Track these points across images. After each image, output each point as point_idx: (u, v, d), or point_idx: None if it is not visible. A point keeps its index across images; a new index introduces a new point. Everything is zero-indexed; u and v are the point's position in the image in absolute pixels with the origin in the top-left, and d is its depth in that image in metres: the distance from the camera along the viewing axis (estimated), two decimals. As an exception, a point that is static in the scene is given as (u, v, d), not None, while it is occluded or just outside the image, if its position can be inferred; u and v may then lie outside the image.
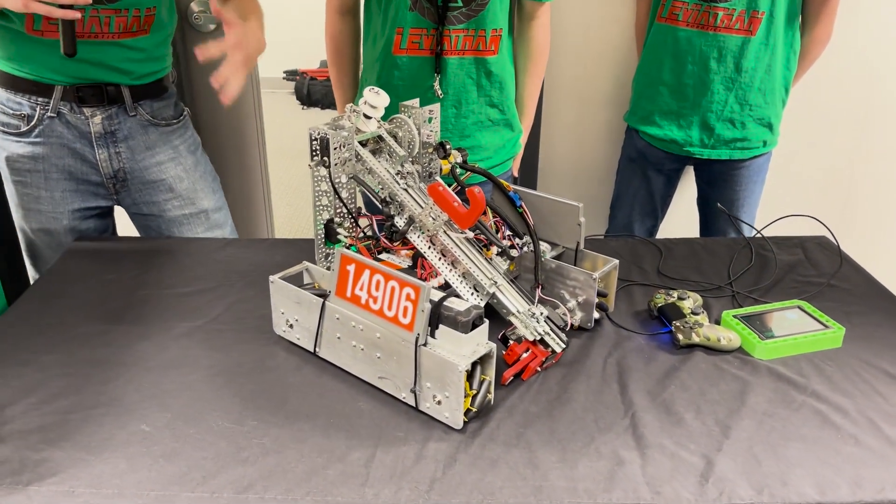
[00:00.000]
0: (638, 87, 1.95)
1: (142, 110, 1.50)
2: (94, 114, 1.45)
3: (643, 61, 1.91)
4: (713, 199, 1.93)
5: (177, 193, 1.57)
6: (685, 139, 1.85)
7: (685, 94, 1.82)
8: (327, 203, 1.15)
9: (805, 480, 0.88)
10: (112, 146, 1.49)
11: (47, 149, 1.46)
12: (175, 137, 1.57)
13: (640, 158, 1.97)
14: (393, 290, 0.96)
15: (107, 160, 1.49)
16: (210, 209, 1.61)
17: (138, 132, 1.51)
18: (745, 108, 1.80)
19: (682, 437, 0.95)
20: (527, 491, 0.86)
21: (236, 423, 0.96)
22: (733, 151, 1.85)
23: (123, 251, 1.44)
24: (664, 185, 2.00)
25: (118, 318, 1.20)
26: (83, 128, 1.46)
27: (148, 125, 1.52)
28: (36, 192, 1.48)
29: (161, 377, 1.05)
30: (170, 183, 1.56)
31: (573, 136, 2.32)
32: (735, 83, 1.77)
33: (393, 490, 0.85)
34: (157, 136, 1.54)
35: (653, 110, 1.89)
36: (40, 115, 1.43)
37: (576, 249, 1.20)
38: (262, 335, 1.16)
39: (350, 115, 1.15)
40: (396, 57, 1.53)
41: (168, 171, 1.55)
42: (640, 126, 1.93)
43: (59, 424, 0.95)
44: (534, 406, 1.00)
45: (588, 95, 2.27)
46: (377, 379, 1.02)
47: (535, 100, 1.75)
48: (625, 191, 2.04)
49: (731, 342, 1.12)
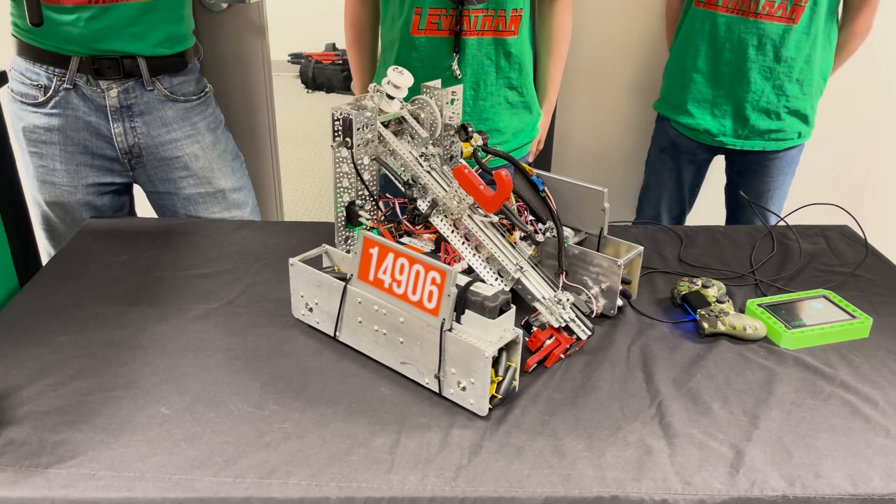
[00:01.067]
0: (671, 75, 1.90)
1: (160, 85, 1.48)
2: (109, 87, 1.43)
3: (676, 48, 1.87)
4: (743, 189, 1.90)
5: (192, 172, 1.54)
6: (719, 129, 1.82)
7: (721, 83, 1.78)
8: (348, 185, 1.13)
9: (837, 472, 0.86)
10: (128, 120, 1.47)
11: (63, 121, 1.44)
12: (195, 114, 1.54)
13: (671, 148, 1.93)
14: (418, 274, 0.94)
15: (122, 134, 1.47)
16: (228, 189, 1.58)
17: (155, 107, 1.49)
18: (782, 99, 1.76)
19: (710, 427, 0.93)
20: (554, 479, 0.84)
21: (256, 406, 0.95)
22: (767, 143, 1.81)
23: (137, 231, 1.42)
24: (694, 176, 1.96)
25: (133, 299, 1.18)
26: (99, 101, 1.44)
27: (166, 100, 1.49)
28: (51, 164, 1.47)
29: (178, 360, 1.04)
30: (185, 161, 1.53)
31: (590, 122, 2.30)
32: (773, 73, 1.73)
33: (419, 477, 0.84)
34: (174, 113, 1.51)
35: (686, 99, 1.84)
36: (56, 87, 1.42)
37: (599, 235, 1.18)
38: (279, 318, 1.14)
39: (373, 95, 1.12)
40: (415, 38, 1.50)
41: (184, 148, 1.53)
42: (672, 115, 1.89)
43: (77, 406, 0.93)
44: (558, 393, 0.99)
45: (607, 81, 2.24)
46: (399, 364, 1.00)
47: (557, 84, 1.72)
48: (654, 181, 2.00)
49: (757, 331, 1.11)
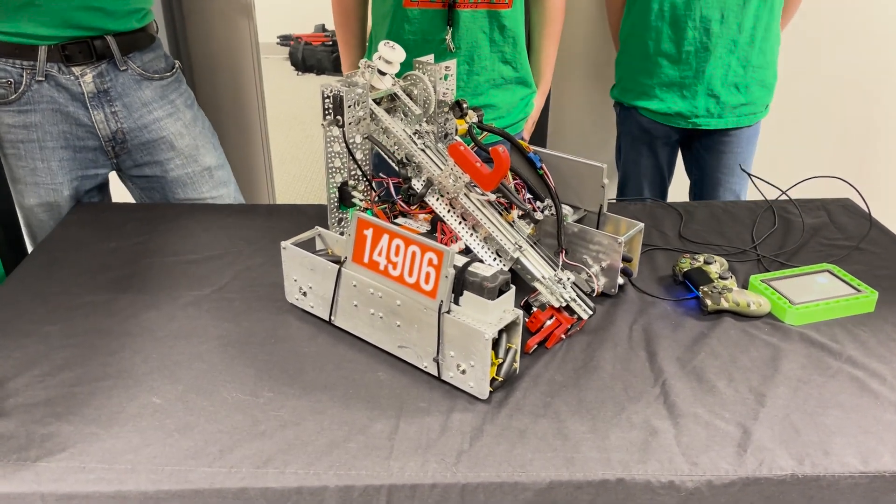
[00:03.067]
0: (629, 62, 1.85)
1: (132, 63, 1.43)
2: (84, 72, 1.38)
3: (631, 34, 1.82)
4: (710, 165, 1.87)
5: (178, 151, 1.50)
6: (691, 111, 1.78)
7: (688, 63, 1.74)
8: (340, 165, 1.10)
9: (847, 449, 0.84)
10: (107, 105, 1.42)
11: (39, 116, 1.38)
12: (170, 91, 1.50)
13: (644, 135, 1.89)
14: (414, 256, 0.91)
15: (103, 121, 1.43)
16: (213, 166, 1.55)
17: (132, 88, 1.44)
18: (749, 70, 1.73)
19: (715, 406, 0.91)
20: (558, 463, 0.82)
21: (251, 394, 0.92)
22: (739, 118, 1.79)
23: (126, 217, 1.38)
24: (669, 155, 1.93)
25: (122, 286, 1.15)
26: (75, 89, 1.39)
27: (141, 80, 1.45)
28: (31, 163, 1.41)
29: (170, 348, 1.01)
30: (170, 140, 1.49)
31: (584, 99, 2.27)
32: (737, 45, 1.70)
33: (419, 463, 0.82)
34: (151, 92, 1.47)
35: (652, 84, 1.80)
36: (28, 81, 1.36)
37: (598, 213, 1.15)
38: (272, 303, 1.11)
39: (364, 71, 1.09)
40: (407, 10, 1.47)
41: (168, 127, 1.49)
42: (637, 102, 1.84)
43: (66, 397, 0.91)
44: (560, 375, 0.97)
45: (601, 58, 2.20)
46: (397, 348, 0.97)
47: (551, 64, 1.68)
48: (633, 171, 1.96)
49: (761, 307, 1.09)
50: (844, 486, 0.82)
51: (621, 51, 1.88)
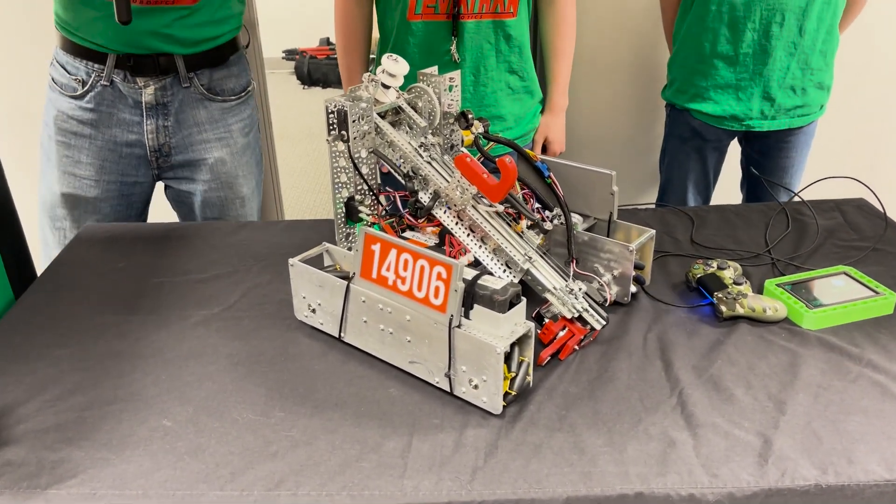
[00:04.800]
0: (683, 64, 1.82)
1: (197, 81, 1.44)
2: (147, 83, 1.41)
3: (687, 35, 1.79)
4: (765, 167, 1.84)
5: (216, 176, 1.52)
6: (745, 113, 1.75)
7: (745, 65, 1.71)
8: (346, 180, 1.09)
9: (871, 457, 0.82)
10: (162, 118, 1.44)
11: (97, 115, 1.43)
12: (230, 116, 1.50)
13: (695, 138, 1.86)
14: (422, 270, 0.90)
15: (153, 132, 1.45)
16: (247, 196, 1.56)
17: (190, 106, 1.46)
18: (807, 73, 1.71)
19: (734, 415, 0.89)
20: (575, 478, 0.81)
21: (262, 414, 0.91)
22: (792, 119, 1.76)
23: (134, 237, 1.38)
24: (717, 161, 1.91)
25: (132, 307, 1.15)
26: (135, 98, 1.42)
27: (202, 99, 1.46)
28: (77, 155, 1.46)
29: (180, 369, 1.00)
30: (211, 164, 1.51)
31: (594, 106, 2.26)
32: (797, 47, 1.67)
33: (433, 481, 0.80)
34: (208, 113, 1.48)
35: (707, 86, 1.77)
36: (94, 82, 1.41)
37: (608, 220, 1.14)
38: (282, 321, 1.10)
39: (368, 85, 1.08)
40: (411, 23, 1.46)
41: (212, 151, 1.50)
42: (691, 104, 1.81)
43: (77, 422, 0.90)
44: (574, 387, 0.95)
45: (610, 65, 2.19)
46: (408, 364, 0.96)
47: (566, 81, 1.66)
48: (677, 173, 1.92)
49: (778, 312, 1.07)
50: (870, 495, 0.80)
51: (675, 52, 1.85)
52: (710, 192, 1.96)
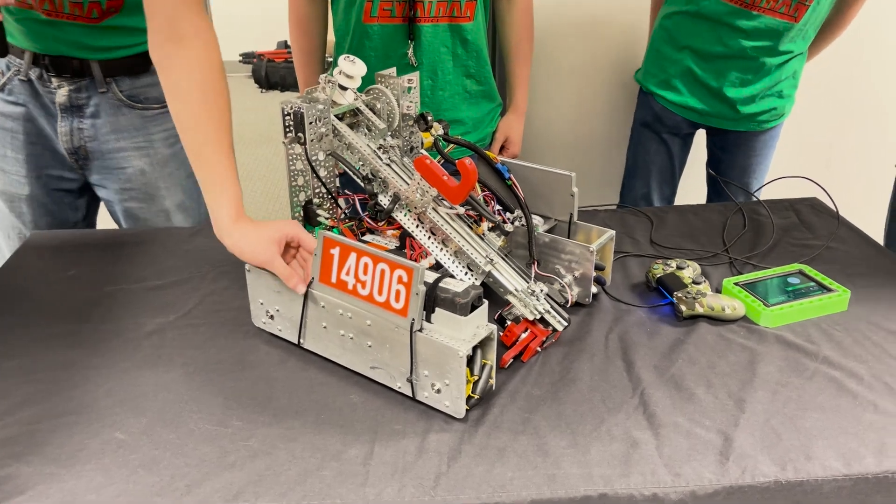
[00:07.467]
0: (658, 47, 1.81)
1: (116, 87, 1.38)
2: (60, 84, 1.35)
3: (668, 20, 1.77)
4: (726, 166, 1.86)
5: (134, 186, 1.45)
6: (705, 109, 1.77)
7: (713, 65, 1.72)
8: (304, 183, 1.07)
9: (828, 452, 0.84)
10: (76, 120, 1.38)
11: (16, 108, 1.38)
12: (153, 125, 1.43)
13: (656, 122, 1.86)
14: (383, 274, 0.89)
15: (67, 135, 1.39)
16: (172, 209, 1.48)
17: (107, 111, 1.39)
18: (774, 89, 1.72)
19: (695, 414, 0.90)
20: (539, 481, 0.80)
21: (219, 424, 0.89)
22: (751, 124, 1.78)
23: (85, 244, 1.34)
24: (681, 149, 1.91)
25: (83, 316, 1.11)
26: (48, 97, 1.37)
27: (121, 105, 1.39)
28: (3, 149, 1.40)
29: (134, 379, 0.97)
30: (129, 174, 1.44)
31: (557, 105, 2.26)
32: (767, 65, 1.69)
33: (396, 488, 0.79)
34: (128, 121, 1.41)
35: (674, 74, 1.78)
36: (12, 76, 1.36)
37: (569, 222, 1.14)
38: (239, 328, 1.08)
39: (325, 86, 1.07)
40: (367, 26, 1.45)
41: (131, 160, 1.43)
42: (657, 90, 1.82)
43: (25, 436, 0.87)
44: (537, 389, 0.95)
45: (574, 62, 2.19)
46: (369, 369, 0.95)
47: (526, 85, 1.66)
48: (641, 158, 1.92)
49: (736, 311, 1.08)
50: (828, 490, 0.81)
51: (656, 31, 1.84)
52: (675, 183, 1.97)
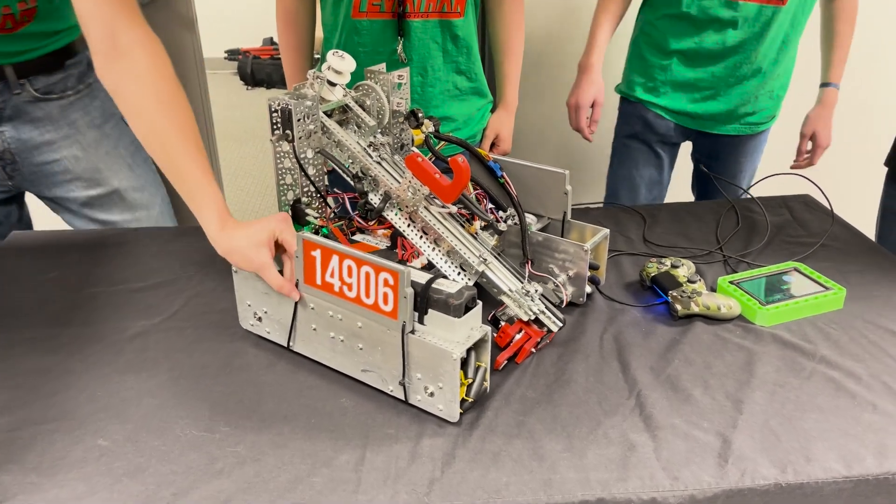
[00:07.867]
0: (645, 54, 1.78)
1: (29, 87, 1.33)
2: None
3: (650, 26, 1.75)
4: (715, 169, 1.84)
5: (76, 174, 1.40)
6: (697, 112, 1.74)
7: (703, 66, 1.69)
8: (292, 182, 1.05)
9: (829, 454, 0.82)
10: None
11: None
12: (74, 111, 1.38)
13: (646, 132, 1.82)
14: (368, 276, 0.86)
15: None
16: (123, 189, 1.44)
17: (24, 110, 1.34)
18: (763, 81, 1.71)
19: (693, 416, 0.88)
20: (535, 486, 0.78)
21: (206, 430, 0.86)
22: (743, 127, 1.76)
23: (66, 245, 1.31)
24: (670, 160, 1.88)
25: (65, 320, 1.08)
26: None
27: (37, 101, 1.34)
28: None
29: (117, 384, 0.94)
30: (65, 164, 1.39)
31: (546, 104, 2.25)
32: (756, 55, 1.66)
33: (388, 495, 0.77)
34: (47, 112, 1.35)
35: (663, 80, 1.75)
36: None
37: (563, 220, 1.12)
38: (226, 331, 1.05)
39: (313, 82, 1.04)
40: (356, 21, 1.42)
41: (61, 150, 1.38)
42: (647, 97, 1.78)
43: (4, 444, 0.84)
44: (532, 391, 0.93)
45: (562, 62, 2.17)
46: (360, 372, 0.93)
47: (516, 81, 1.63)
48: (628, 172, 1.88)
49: (732, 310, 1.07)
50: (829, 493, 0.80)
51: (635, 41, 1.81)
52: (663, 190, 1.93)
